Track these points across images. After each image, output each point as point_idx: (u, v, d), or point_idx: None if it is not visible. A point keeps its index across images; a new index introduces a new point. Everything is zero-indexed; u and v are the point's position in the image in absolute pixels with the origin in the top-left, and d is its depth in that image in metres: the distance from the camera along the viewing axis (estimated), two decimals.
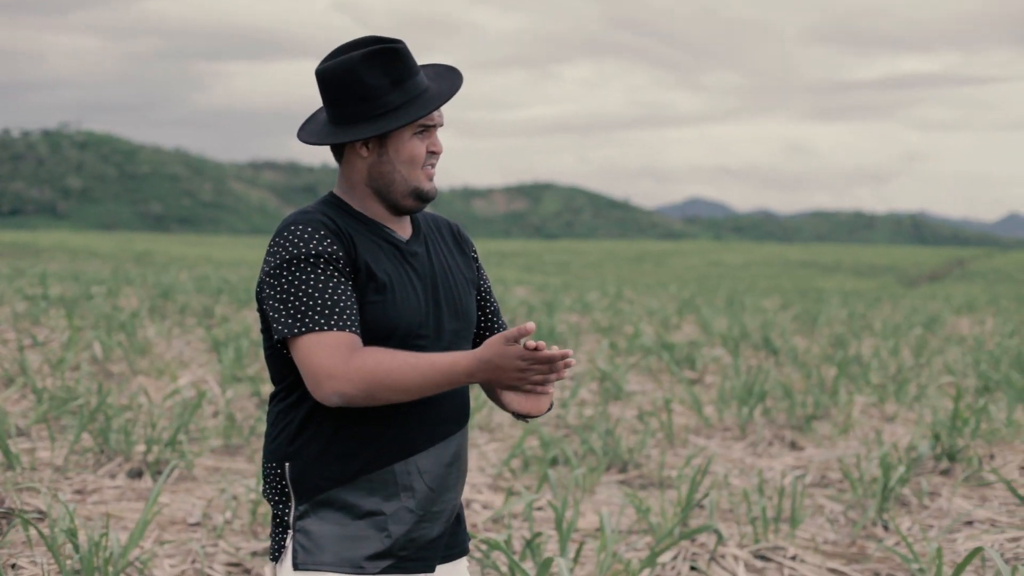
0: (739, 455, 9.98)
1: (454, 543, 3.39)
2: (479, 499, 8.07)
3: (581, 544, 6.16)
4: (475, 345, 3.50)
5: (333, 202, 3.26)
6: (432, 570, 3.30)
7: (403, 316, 3.15)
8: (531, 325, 2.90)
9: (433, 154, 3.26)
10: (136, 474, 8.36)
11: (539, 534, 6.02)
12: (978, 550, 5.44)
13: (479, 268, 3.55)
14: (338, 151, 3.28)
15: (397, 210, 3.26)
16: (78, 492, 7.81)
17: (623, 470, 9.21)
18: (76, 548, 5.70)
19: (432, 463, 3.23)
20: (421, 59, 3.35)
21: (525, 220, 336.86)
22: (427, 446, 3.22)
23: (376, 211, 3.26)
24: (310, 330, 3.01)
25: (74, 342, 13.00)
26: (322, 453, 3.16)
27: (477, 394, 10.79)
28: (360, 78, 3.16)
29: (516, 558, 5.89)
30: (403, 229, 3.31)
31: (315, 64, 3.23)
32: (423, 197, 3.25)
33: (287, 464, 3.19)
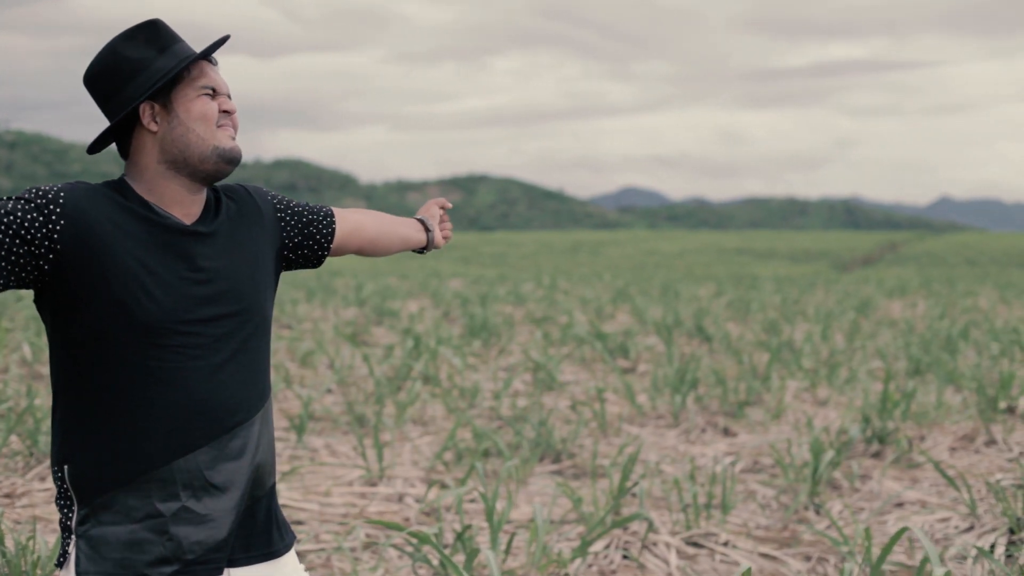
0: (672, 443, 10.01)
1: (256, 544, 3.23)
2: (411, 492, 8.06)
3: (512, 535, 6.17)
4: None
5: (115, 185, 3.08)
6: (216, 574, 3.12)
7: (160, 302, 2.98)
8: None
9: (227, 113, 3.12)
10: None
11: (469, 527, 6.02)
12: (903, 530, 5.49)
13: (277, 209, 3.43)
14: (125, 142, 3.13)
15: (202, 178, 3.10)
16: (7, 496, 7.73)
17: (556, 460, 9.22)
18: (3, 553, 5.65)
19: (215, 458, 3.06)
20: (349, 52, 3.30)
21: (460, 212, 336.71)
22: (208, 441, 3.05)
23: (166, 193, 3.08)
24: None
25: (2, 344, 12.88)
26: (97, 453, 2.99)
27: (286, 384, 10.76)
28: (125, 55, 3.05)
29: (447, 552, 5.89)
30: (189, 213, 3.13)
31: (246, 60, 3.19)
32: (226, 157, 3.09)
33: (66, 466, 3.02)
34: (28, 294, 23.43)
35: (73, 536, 3.03)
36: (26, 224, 2.85)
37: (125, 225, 2.99)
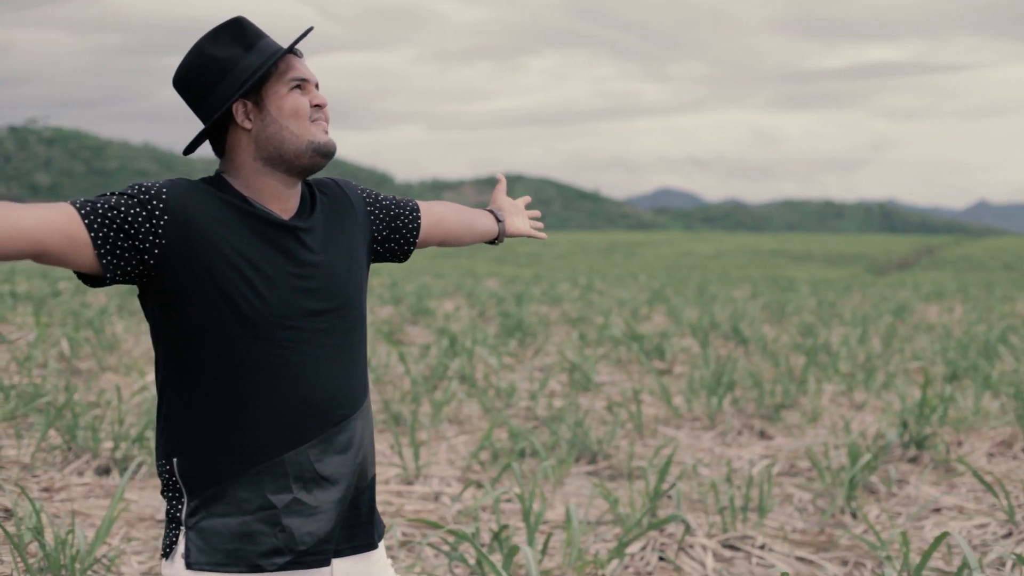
0: (708, 445, 10.00)
1: (359, 535, 3.26)
2: (448, 492, 8.07)
3: (549, 536, 6.17)
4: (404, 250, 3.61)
5: (213, 180, 3.14)
6: (322, 565, 3.16)
7: (266, 298, 3.03)
8: None
9: (318, 107, 3.15)
10: (104, 471, 8.33)
11: (506, 526, 6.03)
12: (943, 536, 5.47)
13: (367, 203, 3.46)
14: (220, 142, 3.17)
15: (297, 172, 3.14)
16: (45, 490, 7.78)
17: (592, 461, 9.22)
18: (42, 546, 5.68)
19: (324, 451, 3.11)
20: (385, 51, 3.32)
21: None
22: (317, 434, 3.09)
23: (264, 188, 3.13)
24: (71, 203, 2.87)
25: (41, 339, 12.95)
26: (207, 446, 3.03)
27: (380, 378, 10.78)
28: (213, 56, 3.08)
29: (484, 550, 5.90)
30: (287, 208, 3.17)
31: None
32: (321, 151, 3.13)
33: (175, 459, 3.05)
34: (66, 289, 23.54)
35: (183, 528, 3.07)
36: (130, 219, 2.90)
37: (227, 220, 3.04)
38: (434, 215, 3.69)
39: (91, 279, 2.95)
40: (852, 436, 9.19)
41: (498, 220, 3.96)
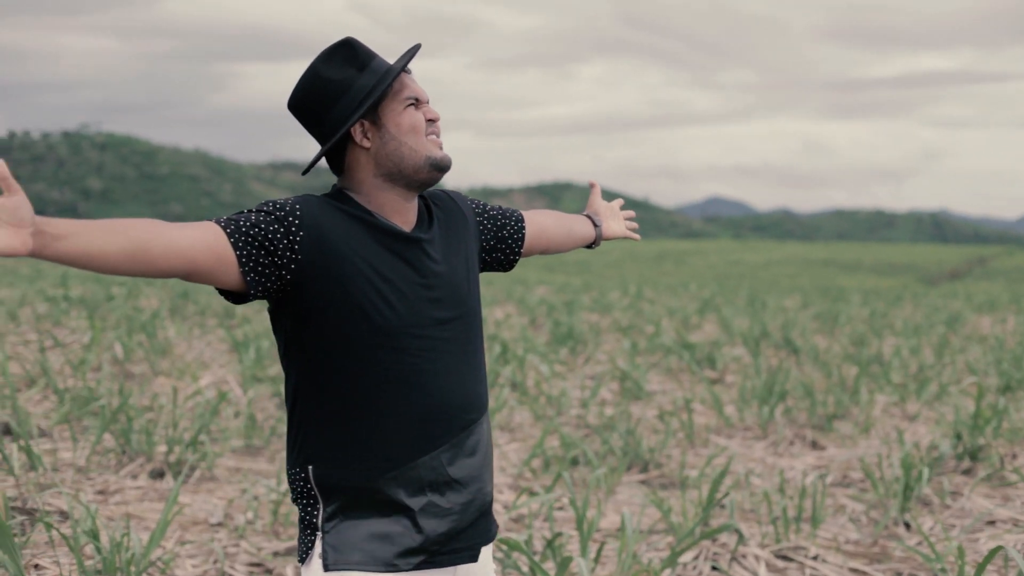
0: (760, 455, 9.97)
1: (483, 532, 3.37)
2: (499, 499, 8.06)
3: (602, 544, 6.16)
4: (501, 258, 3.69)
5: (335, 195, 3.23)
6: (467, 561, 3.31)
7: (396, 309, 3.13)
8: None
9: (432, 122, 3.25)
10: (158, 474, 8.37)
11: (560, 534, 6.02)
12: (998, 549, 5.44)
13: (476, 213, 3.57)
14: (339, 160, 3.27)
15: (416, 186, 3.24)
16: (100, 493, 7.83)
17: (644, 470, 9.20)
18: (98, 549, 5.72)
19: (455, 455, 3.22)
20: (434, 58, 3.36)
21: None
22: (450, 438, 3.21)
23: (384, 203, 3.23)
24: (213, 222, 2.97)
25: (95, 343, 13.03)
26: (343, 453, 3.14)
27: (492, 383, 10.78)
28: (328, 78, 3.18)
29: (536, 559, 5.90)
30: (407, 220, 3.28)
31: None
32: (438, 166, 3.23)
33: (310, 467, 3.17)
34: (119, 293, 23.68)
35: (319, 532, 3.19)
36: (269, 235, 3.00)
37: (356, 234, 3.14)
38: (537, 224, 3.79)
39: (234, 296, 3.06)
40: (905, 447, 9.13)
41: (595, 225, 4.03)
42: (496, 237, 3.61)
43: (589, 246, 4.05)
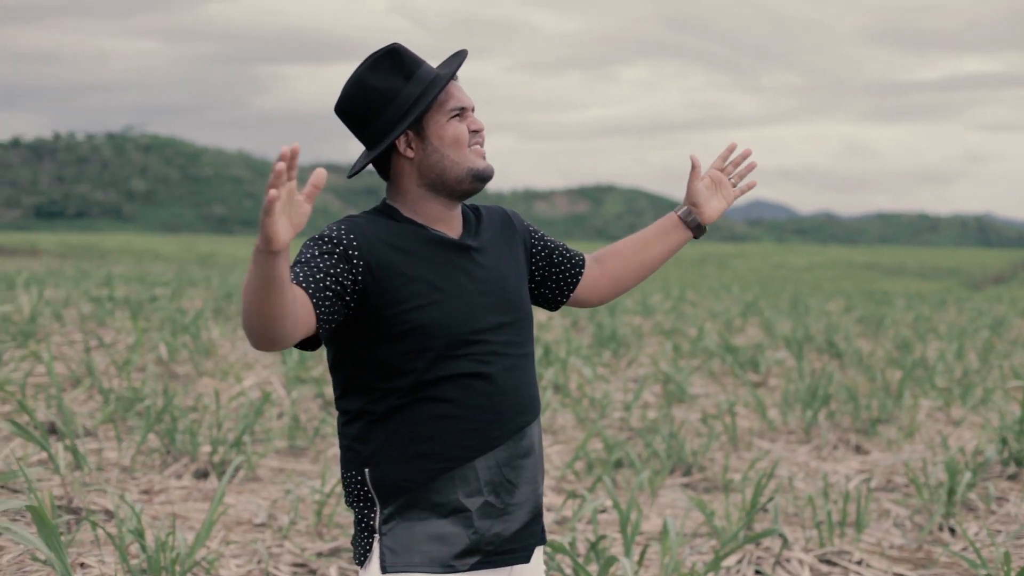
0: (804, 459, 9.93)
1: (536, 533, 3.40)
2: (543, 502, 8.06)
3: (645, 547, 6.15)
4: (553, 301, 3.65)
5: (383, 210, 3.29)
6: (520, 562, 3.33)
7: (453, 316, 3.18)
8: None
9: (476, 132, 3.28)
10: (202, 475, 8.41)
11: (603, 537, 6.02)
12: None
13: (531, 235, 3.57)
14: (384, 166, 3.32)
15: (458, 196, 3.29)
16: (145, 492, 7.86)
17: (687, 473, 9.19)
18: (143, 548, 5.75)
19: (510, 456, 3.25)
20: (476, 61, 3.37)
21: (587, 222, 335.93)
22: (505, 439, 3.24)
23: (429, 212, 3.28)
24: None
25: (140, 344, 13.09)
26: (401, 455, 3.18)
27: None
28: (374, 87, 3.21)
29: (580, 561, 5.89)
30: (453, 228, 3.33)
31: None
32: (480, 176, 3.27)
33: (367, 470, 3.21)
34: (163, 294, 23.77)
35: (377, 535, 3.23)
36: (339, 278, 3.07)
37: (408, 247, 3.20)
38: (604, 263, 3.72)
39: (306, 343, 3.12)
40: (950, 452, 9.08)
41: (685, 223, 3.78)
42: (546, 272, 3.60)
43: (696, 237, 3.80)
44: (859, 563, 6.84)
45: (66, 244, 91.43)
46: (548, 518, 7.53)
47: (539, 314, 23.88)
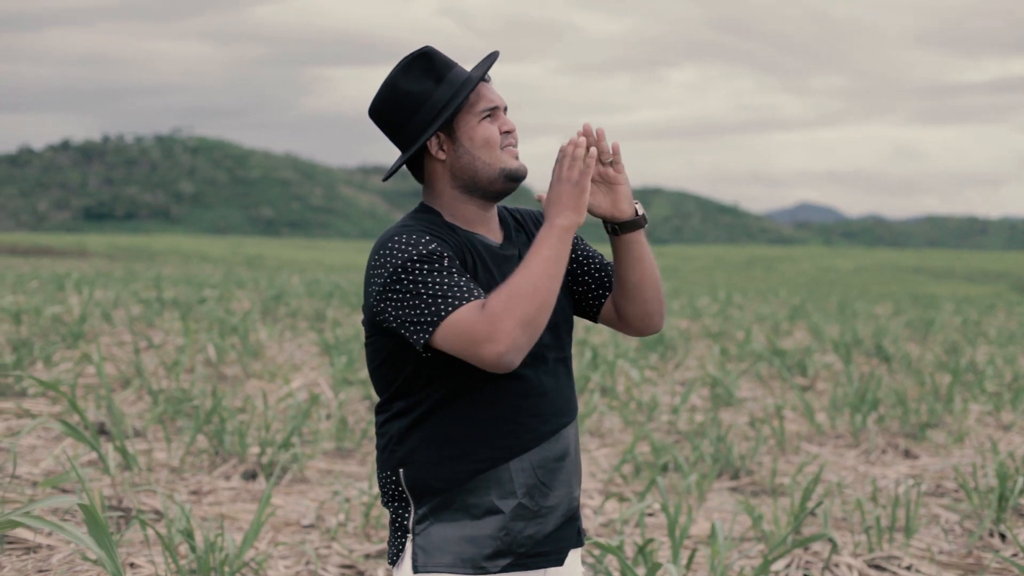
0: (852, 463, 9.89)
1: (570, 537, 3.38)
2: (589, 504, 8.06)
3: (693, 551, 6.14)
4: (594, 307, 3.51)
5: (424, 211, 3.29)
6: (553, 564, 3.32)
7: None
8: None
9: (508, 133, 3.27)
10: (250, 476, 8.44)
11: (651, 540, 6.00)
12: None
13: (575, 248, 3.49)
14: (418, 169, 3.32)
15: (492, 197, 3.28)
16: (194, 493, 7.90)
17: (735, 477, 9.16)
18: (192, 548, 5.77)
19: (545, 458, 3.24)
20: (523, 62, 3.35)
21: None
22: (539, 442, 3.23)
23: (466, 215, 3.28)
24: (452, 309, 3.01)
25: (189, 345, 13.15)
26: (436, 456, 3.18)
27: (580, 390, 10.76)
28: (406, 90, 3.22)
29: (628, 563, 5.88)
30: (494, 233, 3.33)
31: None
32: (513, 176, 3.26)
33: (401, 470, 3.22)
34: (211, 295, 23.88)
35: (410, 534, 3.24)
36: (449, 252, 3.13)
37: (466, 254, 3.22)
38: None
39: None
40: (1000, 457, 9.02)
41: (611, 231, 3.37)
42: (582, 276, 3.47)
43: (637, 227, 3.34)
44: (908, 568, 6.81)
45: (115, 246, 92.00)
46: (595, 521, 7.52)
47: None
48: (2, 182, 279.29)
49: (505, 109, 3.30)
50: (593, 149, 3.13)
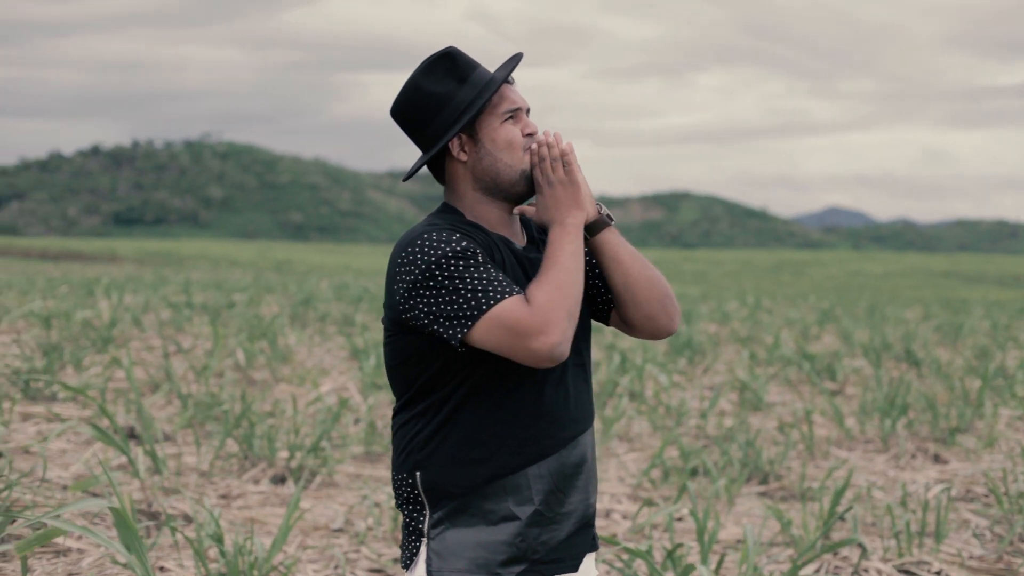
0: (881, 468, 9.86)
1: (585, 543, 3.36)
2: (619, 509, 8.05)
3: (722, 556, 6.13)
4: (603, 314, 3.47)
5: (447, 211, 3.27)
6: (568, 571, 3.30)
7: None
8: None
9: (530, 136, 3.25)
10: (279, 480, 8.46)
11: (680, 545, 6.00)
12: None
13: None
14: (439, 170, 3.30)
15: (511, 200, 3.27)
16: (223, 497, 7.92)
17: (763, 481, 9.14)
18: (222, 552, 5.79)
19: (563, 465, 3.24)
20: (552, 67, 3.34)
21: (662, 229, 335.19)
22: (557, 448, 3.22)
23: (488, 217, 3.26)
24: (495, 303, 3.00)
25: (218, 349, 13.19)
26: (453, 461, 3.17)
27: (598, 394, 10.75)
28: (429, 91, 3.20)
29: (657, 568, 5.87)
30: (517, 236, 3.32)
31: None
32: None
33: (418, 473, 3.20)
34: (240, 300, 23.93)
35: (425, 538, 3.22)
36: (480, 249, 3.11)
37: (495, 255, 3.19)
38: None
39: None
40: None
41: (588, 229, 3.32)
42: (595, 277, 3.44)
43: (607, 224, 3.29)
44: (938, 573, 6.79)
45: (144, 251, 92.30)
46: (624, 526, 7.52)
47: None
48: (33, 187, 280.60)
49: (528, 111, 3.28)
50: (568, 143, 3.18)
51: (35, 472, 7.80)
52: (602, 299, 3.45)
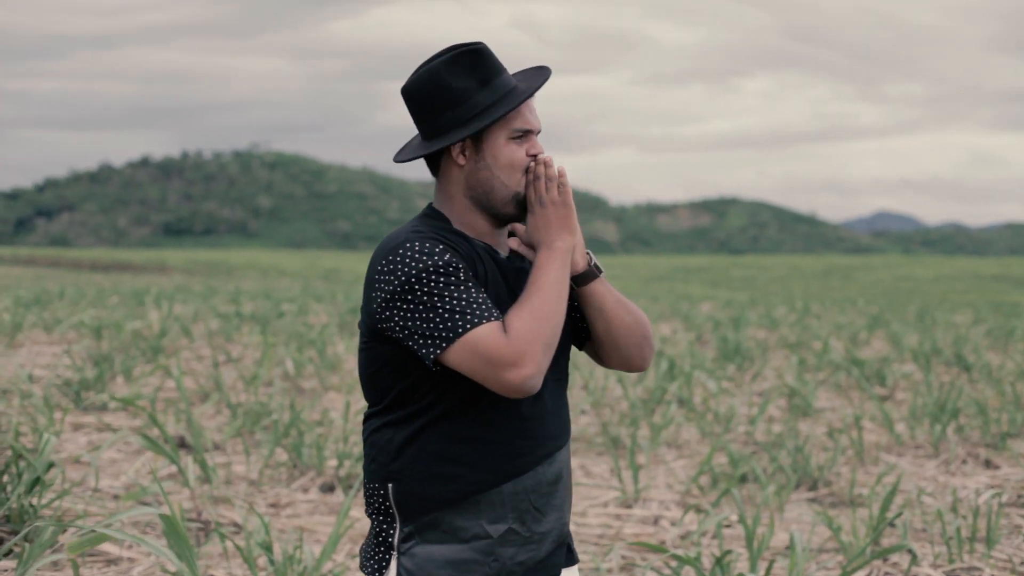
0: (932, 473, 9.80)
1: (560, 561, 3.28)
2: (667, 515, 8.04)
3: (771, 562, 6.11)
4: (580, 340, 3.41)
5: (433, 216, 3.18)
6: None
7: None
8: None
9: (533, 157, 3.14)
10: (328, 488, 8.48)
11: (729, 552, 5.98)
12: None
13: None
14: (435, 164, 3.20)
15: (499, 220, 3.17)
16: (272, 505, 7.95)
17: (813, 488, 9.10)
18: (271, 560, 5.80)
19: (539, 482, 3.15)
20: (597, 73, 3.30)
21: (710, 235, 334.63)
22: (533, 466, 3.14)
23: (476, 225, 3.16)
24: (471, 327, 2.92)
25: (267, 358, 13.24)
26: (427, 474, 3.08)
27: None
28: (447, 83, 3.08)
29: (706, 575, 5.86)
30: (503, 247, 3.22)
31: None
32: (524, 204, 3.15)
33: (391, 485, 3.11)
34: (289, 309, 24.01)
35: (394, 552, 3.13)
36: (463, 264, 3.03)
37: (478, 267, 3.11)
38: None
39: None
40: None
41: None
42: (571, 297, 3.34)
43: (595, 273, 3.25)
44: None
45: (194, 261, 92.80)
46: (672, 532, 7.50)
47: (663, 328, 23.79)
48: (83, 199, 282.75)
49: (538, 133, 3.19)
50: (560, 167, 3.10)
51: (86, 482, 7.86)
52: (583, 325, 3.36)
